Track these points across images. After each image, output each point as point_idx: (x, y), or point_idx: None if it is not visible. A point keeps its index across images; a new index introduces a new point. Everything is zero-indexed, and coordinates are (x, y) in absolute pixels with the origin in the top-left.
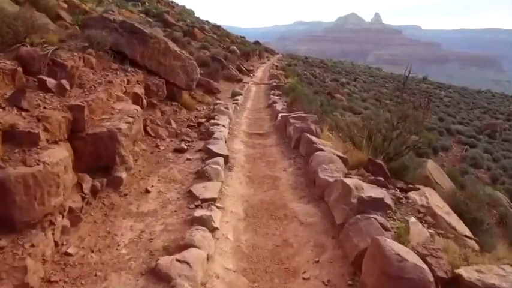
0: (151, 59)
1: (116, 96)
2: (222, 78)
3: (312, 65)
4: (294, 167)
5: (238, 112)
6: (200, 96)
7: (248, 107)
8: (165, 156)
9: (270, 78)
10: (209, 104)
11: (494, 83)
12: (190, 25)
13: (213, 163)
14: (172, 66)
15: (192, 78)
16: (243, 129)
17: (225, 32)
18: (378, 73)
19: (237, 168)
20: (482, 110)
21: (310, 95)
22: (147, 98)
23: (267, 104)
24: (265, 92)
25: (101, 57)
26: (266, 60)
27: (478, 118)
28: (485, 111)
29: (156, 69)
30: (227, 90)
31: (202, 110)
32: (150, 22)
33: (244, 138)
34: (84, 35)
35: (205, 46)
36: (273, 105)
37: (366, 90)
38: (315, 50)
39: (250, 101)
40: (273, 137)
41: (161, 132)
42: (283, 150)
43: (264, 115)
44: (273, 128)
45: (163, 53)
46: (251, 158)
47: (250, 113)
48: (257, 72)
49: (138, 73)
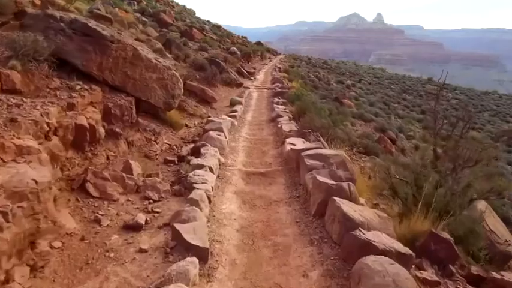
0: (114, 71)
1: (13, 148)
2: (220, 82)
3: (315, 65)
4: (320, 267)
5: (236, 129)
6: (192, 107)
7: (248, 120)
8: (104, 246)
9: (273, 82)
10: (202, 118)
11: (497, 83)
12: (189, 25)
13: (180, 270)
14: (144, 79)
15: (173, 94)
16: (238, 163)
17: (225, 32)
18: (382, 74)
19: (223, 271)
20: (491, 112)
21: (318, 102)
22: (106, 126)
23: (270, 116)
24: (268, 98)
25: (32, 73)
26: (268, 61)
27: (489, 122)
28: (495, 114)
29: (121, 85)
30: (225, 97)
31: (192, 127)
32: (145, 22)
33: (239, 183)
34: (4, 41)
35: (204, 47)
36: (277, 120)
37: (372, 92)
38: (317, 50)
39: (251, 111)
40: (280, 181)
41: (111, 190)
42: (299, 217)
43: (267, 133)
44: (279, 161)
45: (132, 62)
46: (248, 238)
47: (251, 130)
48: (259, 75)
49: (93, 91)
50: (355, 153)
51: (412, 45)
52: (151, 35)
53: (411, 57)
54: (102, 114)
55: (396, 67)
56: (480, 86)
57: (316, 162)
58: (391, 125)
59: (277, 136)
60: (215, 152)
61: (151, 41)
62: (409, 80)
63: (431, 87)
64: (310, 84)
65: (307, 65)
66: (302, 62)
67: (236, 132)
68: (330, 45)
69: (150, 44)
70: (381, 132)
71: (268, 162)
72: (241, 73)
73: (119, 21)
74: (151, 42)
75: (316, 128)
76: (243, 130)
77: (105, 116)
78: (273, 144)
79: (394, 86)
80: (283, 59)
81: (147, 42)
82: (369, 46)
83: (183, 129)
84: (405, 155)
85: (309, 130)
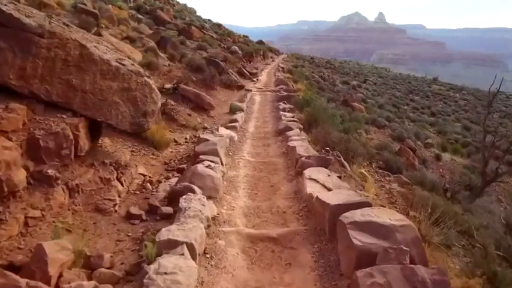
0: (49, 79)
1: None
2: (219, 85)
3: (319, 65)
4: None
5: (236, 146)
6: (185, 116)
7: (251, 132)
8: None
9: (277, 84)
10: (196, 129)
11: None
12: (188, 23)
13: None
14: (100, 91)
15: (144, 111)
16: (237, 215)
17: (226, 31)
18: (386, 74)
19: None
20: (500, 114)
21: (329, 108)
22: (32, 167)
23: (276, 127)
24: (272, 103)
25: None
26: (271, 61)
27: (501, 124)
28: (504, 115)
29: (63, 100)
30: (225, 101)
31: (183, 144)
32: (140, 19)
33: (238, 267)
34: None
35: (203, 46)
36: (286, 134)
37: (379, 93)
38: (319, 49)
39: (254, 119)
40: (304, 261)
41: None
42: None
43: (274, 153)
44: (298, 210)
45: (78, 66)
46: None
47: (254, 147)
48: (261, 75)
49: (10, 113)
50: (376, 170)
51: (414, 45)
52: (144, 32)
53: (413, 57)
54: (24, 148)
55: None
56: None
57: (371, 240)
58: (408, 132)
59: (289, 159)
60: (202, 204)
61: (143, 39)
62: (414, 80)
63: (437, 87)
64: (315, 86)
65: (311, 65)
66: (305, 62)
67: (236, 151)
68: (331, 45)
69: (142, 42)
70: (400, 141)
71: (282, 211)
72: (242, 74)
73: (108, 17)
74: (144, 40)
75: (333, 142)
76: (244, 148)
77: (30, 151)
78: (285, 172)
79: (399, 86)
80: (286, 58)
81: (139, 40)
82: (370, 45)
83: (171, 147)
84: (426, 167)
85: (326, 148)
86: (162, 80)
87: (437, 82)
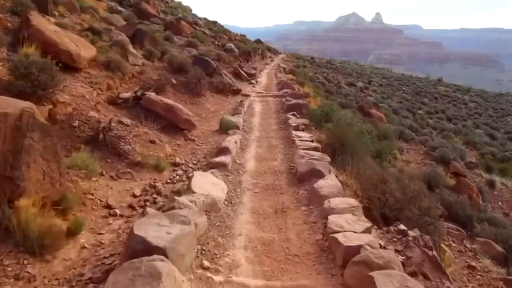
0: None
1: None
2: (209, 89)
3: (320, 65)
4: None
5: (228, 215)
6: (142, 148)
7: (250, 171)
8: None
9: (280, 88)
10: (159, 170)
11: (496, 82)
12: (178, 17)
13: None
14: None
15: None
16: None
17: (221, 28)
18: (390, 74)
19: None
20: None
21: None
22: None
23: (291, 161)
24: (277, 113)
25: None
26: (270, 60)
27: None
28: None
29: None
30: (215, 112)
31: (112, 223)
32: (121, 11)
33: None
34: None
35: (193, 43)
36: (315, 187)
37: (388, 96)
38: (316, 49)
39: (254, 145)
40: None
41: None
42: None
43: (301, 245)
44: None
45: None
46: None
47: (256, 225)
48: (261, 77)
49: None
50: (442, 224)
51: (411, 45)
52: (115, 24)
53: (410, 57)
54: None
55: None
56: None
57: None
58: (454, 151)
59: (334, 266)
60: None
61: (111, 31)
62: (419, 80)
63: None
64: (322, 89)
65: (312, 65)
66: (306, 62)
67: (226, 232)
68: (328, 45)
69: (109, 35)
70: (443, 164)
71: None
72: (238, 75)
73: (67, 3)
74: (112, 33)
75: (395, 201)
76: (236, 228)
77: None
78: None
79: (405, 87)
80: (286, 58)
81: (106, 33)
82: (367, 46)
83: (76, 240)
84: (484, 201)
85: (396, 224)
86: (129, 84)
87: (441, 83)
